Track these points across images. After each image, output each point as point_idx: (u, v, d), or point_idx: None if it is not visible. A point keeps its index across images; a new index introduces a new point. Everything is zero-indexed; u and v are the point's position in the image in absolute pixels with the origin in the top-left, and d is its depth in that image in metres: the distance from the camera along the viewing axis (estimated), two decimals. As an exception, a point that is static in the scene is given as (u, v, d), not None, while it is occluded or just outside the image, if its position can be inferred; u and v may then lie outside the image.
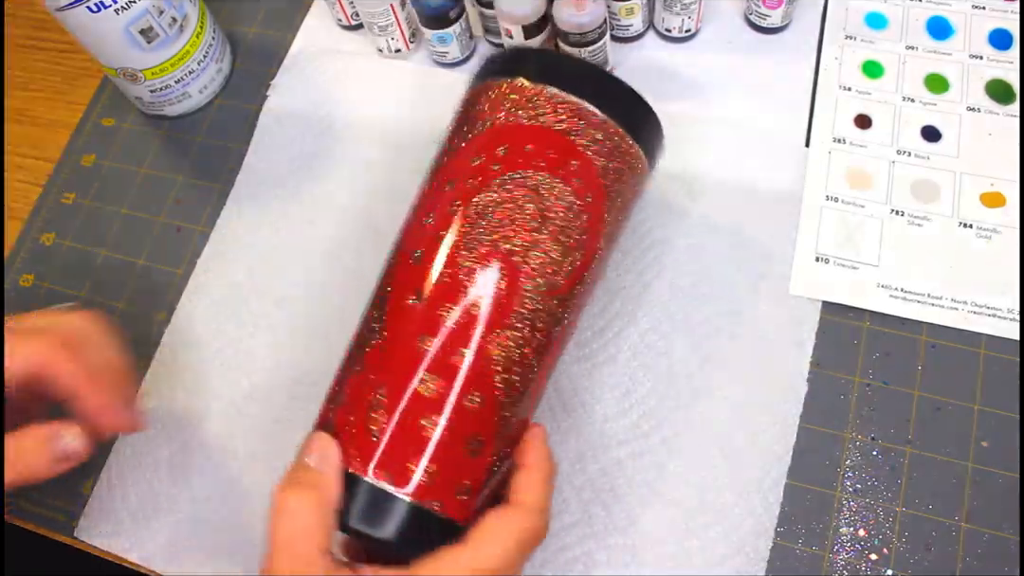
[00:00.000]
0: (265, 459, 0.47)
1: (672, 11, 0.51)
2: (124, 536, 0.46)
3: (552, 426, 0.45)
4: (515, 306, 0.35)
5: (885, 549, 0.41)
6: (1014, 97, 0.50)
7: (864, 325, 0.46)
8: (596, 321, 0.47)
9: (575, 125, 0.37)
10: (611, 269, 0.48)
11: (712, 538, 0.42)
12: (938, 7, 0.53)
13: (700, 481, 0.43)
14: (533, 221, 0.35)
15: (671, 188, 0.50)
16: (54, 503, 0.48)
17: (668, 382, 0.45)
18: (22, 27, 0.64)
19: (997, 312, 0.45)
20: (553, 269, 0.36)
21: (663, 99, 0.52)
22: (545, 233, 0.35)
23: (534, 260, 0.35)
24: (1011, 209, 0.47)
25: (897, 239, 0.47)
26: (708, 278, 0.47)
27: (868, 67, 0.51)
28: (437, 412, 0.33)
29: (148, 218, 0.55)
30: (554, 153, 0.36)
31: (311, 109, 0.56)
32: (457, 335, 0.34)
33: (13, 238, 0.55)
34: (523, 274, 0.35)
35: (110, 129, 0.58)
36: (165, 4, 0.50)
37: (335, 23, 0.58)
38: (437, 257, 0.35)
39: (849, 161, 0.49)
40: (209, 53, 0.55)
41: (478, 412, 0.34)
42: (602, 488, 0.44)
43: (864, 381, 0.44)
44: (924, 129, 0.49)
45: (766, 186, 0.49)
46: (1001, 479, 0.42)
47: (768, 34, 0.53)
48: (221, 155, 0.56)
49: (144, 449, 0.48)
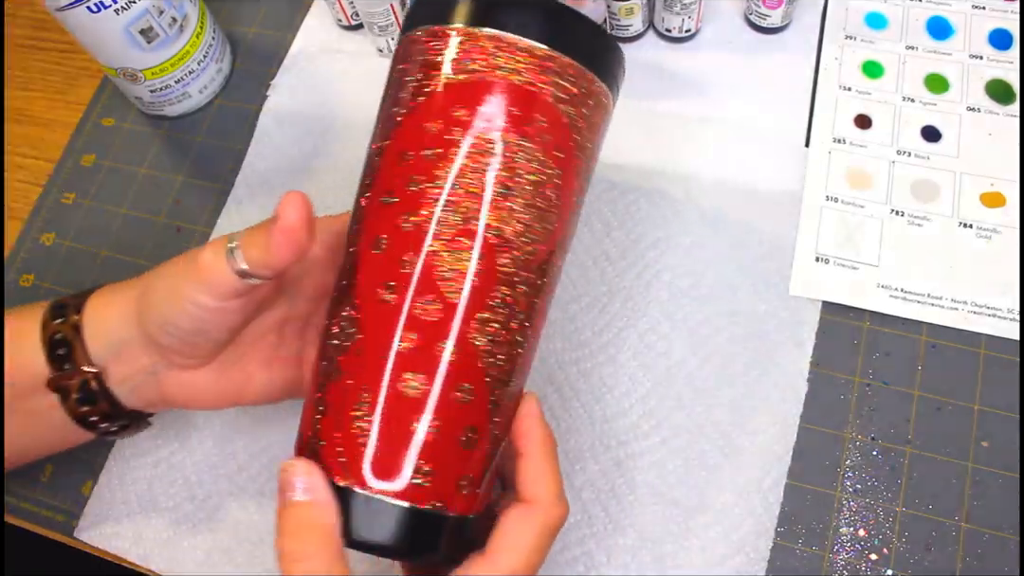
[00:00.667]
0: (265, 459, 0.47)
1: (672, 11, 0.51)
2: (124, 536, 0.46)
3: (552, 426, 0.45)
4: (494, 285, 0.32)
5: (885, 549, 0.41)
6: (1014, 97, 0.50)
7: (864, 325, 0.46)
8: (596, 321, 0.47)
9: (537, 75, 0.33)
10: (611, 269, 0.48)
11: (712, 538, 0.42)
12: (938, 7, 0.53)
13: (700, 481, 0.43)
14: (502, 189, 0.32)
15: (671, 188, 0.50)
16: (54, 503, 0.48)
17: (668, 382, 0.45)
18: (22, 27, 0.64)
19: (997, 312, 0.45)
20: (530, 238, 0.33)
21: (663, 99, 0.53)
22: (517, 201, 0.32)
23: (508, 231, 0.32)
24: (1011, 209, 0.47)
25: (897, 239, 0.47)
26: (708, 278, 0.47)
27: (868, 67, 0.51)
28: (424, 411, 0.32)
29: (148, 218, 0.55)
30: (518, 110, 0.32)
31: (311, 109, 0.56)
32: (436, 327, 0.32)
33: (13, 238, 0.55)
34: (499, 250, 0.32)
35: (110, 129, 0.58)
36: (165, 4, 0.50)
37: (335, 23, 0.58)
38: (403, 242, 0.32)
39: (849, 161, 0.49)
40: (209, 53, 0.55)
41: (468, 404, 0.32)
42: (602, 488, 0.44)
43: (864, 381, 0.44)
44: (924, 129, 0.49)
45: (766, 186, 0.49)
46: (1001, 479, 0.42)
47: (768, 34, 0.53)
48: (221, 155, 0.56)
49: (144, 449, 0.48)
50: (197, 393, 0.38)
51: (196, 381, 0.37)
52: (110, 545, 0.46)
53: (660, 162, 0.51)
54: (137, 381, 0.37)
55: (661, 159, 0.51)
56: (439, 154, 0.32)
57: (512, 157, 0.32)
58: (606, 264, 0.48)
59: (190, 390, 0.37)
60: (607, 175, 0.51)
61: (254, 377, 0.38)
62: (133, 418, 0.39)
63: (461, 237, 0.32)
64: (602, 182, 0.50)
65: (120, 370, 0.37)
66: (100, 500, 0.47)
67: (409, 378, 0.32)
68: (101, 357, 0.37)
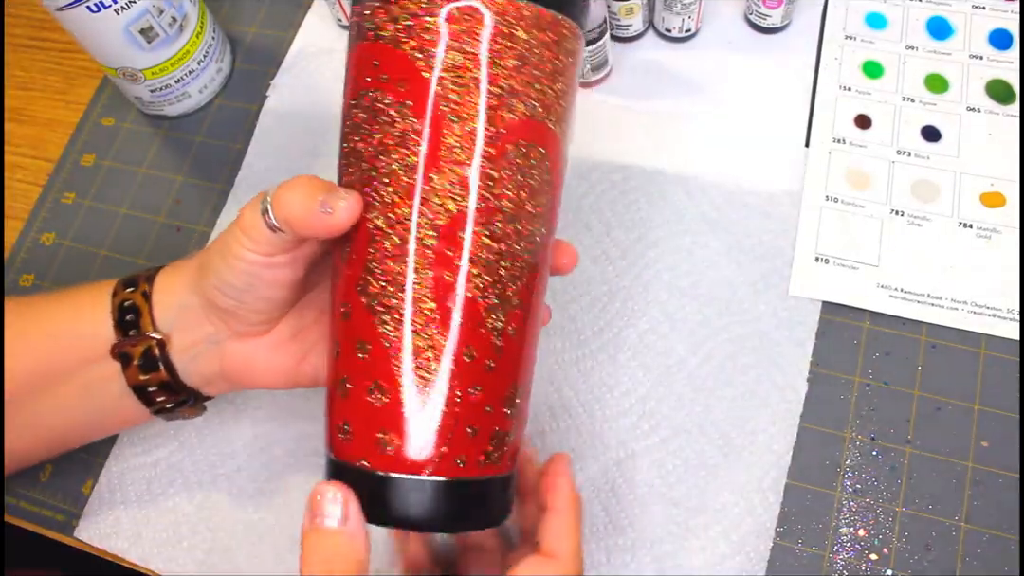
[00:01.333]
0: (264, 459, 0.47)
1: (672, 11, 0.51)
2: (124, 536, 0.46)
3: (552, 426, 0.45)
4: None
5: (885, 549, 0.41)
6: (1014, 97, 0.50)
7: (864, 325, 0.46)
8: (596, 321, 0.47)
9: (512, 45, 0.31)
10: (611, 269, 0.48)
11: (712, 538, 0.42)
12: (938, 7, 0.53)
13: (700, 481, 0.43)
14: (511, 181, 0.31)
15: (671, 188, 0.50)
16: (54, 503, 0.48)
17: (668, 382, 0.45)
18: (22, 27, 0.64)
19: (997, 312, 0.45)
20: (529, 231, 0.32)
21: (663, 99, 0.53)
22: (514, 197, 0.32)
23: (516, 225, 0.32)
24: (1011, 209, 0.47)
25: (897, 239, 0.47)
26: (708, 278, 0.47)
27: (868, 67, 0.51)
28: (440, 386, 0.31)
29: (148, 218, 0.55)
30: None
31: (311, 109, 0.56)
32: (445, 286, 0.31)
33: (13, 238, 0.55)
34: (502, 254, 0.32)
35: (110, 129, 0.58)
36: (165, 4, 0.50)
37: (335, 23, 0.58)
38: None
39: (849, 161, 0.49)
40: (209, 53, 0.55)
41: (471, 363, 0.31)
42: (602, 488, 0.44)
43: (864, 381, 0.44)
44: (924, 129, 0.49)
45: (766, 186, 0.49)
46: (1001, 479, 0.42)
47: (768, 34, 0.53)
48: (221, 155, 0.56)
49: (144, 449, 0.48)
50: (256, 366, 0.38)
51: (256, 353, 0.38)
52: (110, 545, 0.46)
53: (660, 162, 0.51)
54: (199, 350, 0.38)
55: (661, 159, 0.51)
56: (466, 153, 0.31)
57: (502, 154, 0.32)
58: (606, 264, 0.48)
59: (249, 362, 0.38)
60: (607, 175, 0.51)
61: (309, 356, 0.39)
62: (191, 395, 0.40)
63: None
64: (602, 182, 0.50)
65: (183, 338, 0.38)
66: (100, 500, 0.47)
67: (427, 356, 0.31)
68: (167, 325, 0.38)
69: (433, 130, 0.31)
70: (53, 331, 0.39)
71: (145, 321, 0.38)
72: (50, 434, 0.41)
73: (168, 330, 0.38)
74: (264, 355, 0.38)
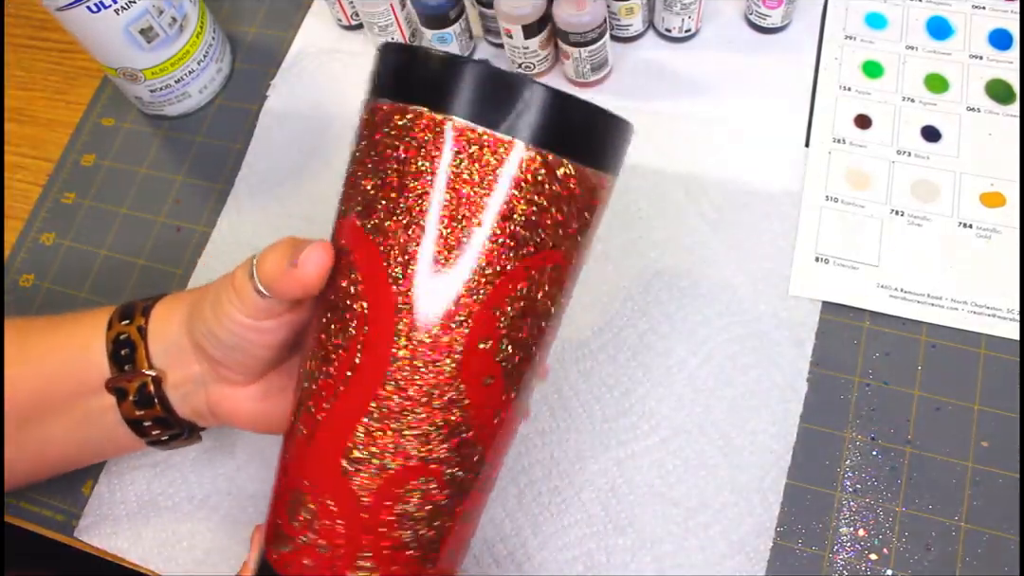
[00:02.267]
0: (263, 459, 0.47)
1: (672, 11, 0.51)
2: (124, 536, 0.46)
3: (552, 426, 0.45)
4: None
5: (885, 549, 0.41)
6: (1014, 97, 0.50)
7: (864, 325, 0.46)
8: (596, 321, 0.47)
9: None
10: (611, 269, 0.48)
11: (712, 538, 0.42)
12: (938, 7, 0.53)
13: (700, 481, 0.43)
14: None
15: (671, 188, 0.50)
16: (54, 503, 0.48)
17: (668, 382, 0.45)
18: (22, 27, 0.64)
19: (997, 312, 0.45)
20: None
21: (663, 99, 0.53)
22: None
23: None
24: (1011, 209, 0.47)
25: (897, 239, 0.47)
26: (708, 278, 0.47)
27: (868, 67, 0.51)
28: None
29: (148, 218, 0.55)
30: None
31: (311, 109, 0.56)
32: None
33: (13, 238, 0.55)
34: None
35: (110, 129, 0.58)
36: (165, 4, 0.51)
37: (335, 23, 0.58)
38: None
39: (849, 161, 0.49)
40: (209, 53, 0.55)
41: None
42: (601, 488, 0.44)
43: (864, 381, 0.44)
44: (924, 129, 0.49)
45: (766, 186, 0.49)
46: (1001, 479, 0.42)
47: (768, 34, 0.53)
48: (221, 155, 0.56)
49: (144, 450, 0.48)
50: (240, 411, 0.38)
51: (240, 399, 0.38)
52: (110, 545, 0.46)
53: (660, 162, 0.51)
54: (188, 388, 0.38)
55: (661, 159, 0.51)
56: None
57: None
58: (606, 264, 0.48)
59: (233, 406, 0.38)
60: (607, 175, 0.51)
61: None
62: (185, 428, 0.40)
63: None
64: (602, 182, 0.50)
65: (176, 375, 0.38)
66: (100, 500, 0.47)
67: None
68: (161, 361, 0.38)
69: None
70: (48, 365, 0.39)
71: (140, 356, 0.37)
72: (43, 461, 0.41)
73: (163, 366, 0.38)
74: (249, 402, 0.38)
